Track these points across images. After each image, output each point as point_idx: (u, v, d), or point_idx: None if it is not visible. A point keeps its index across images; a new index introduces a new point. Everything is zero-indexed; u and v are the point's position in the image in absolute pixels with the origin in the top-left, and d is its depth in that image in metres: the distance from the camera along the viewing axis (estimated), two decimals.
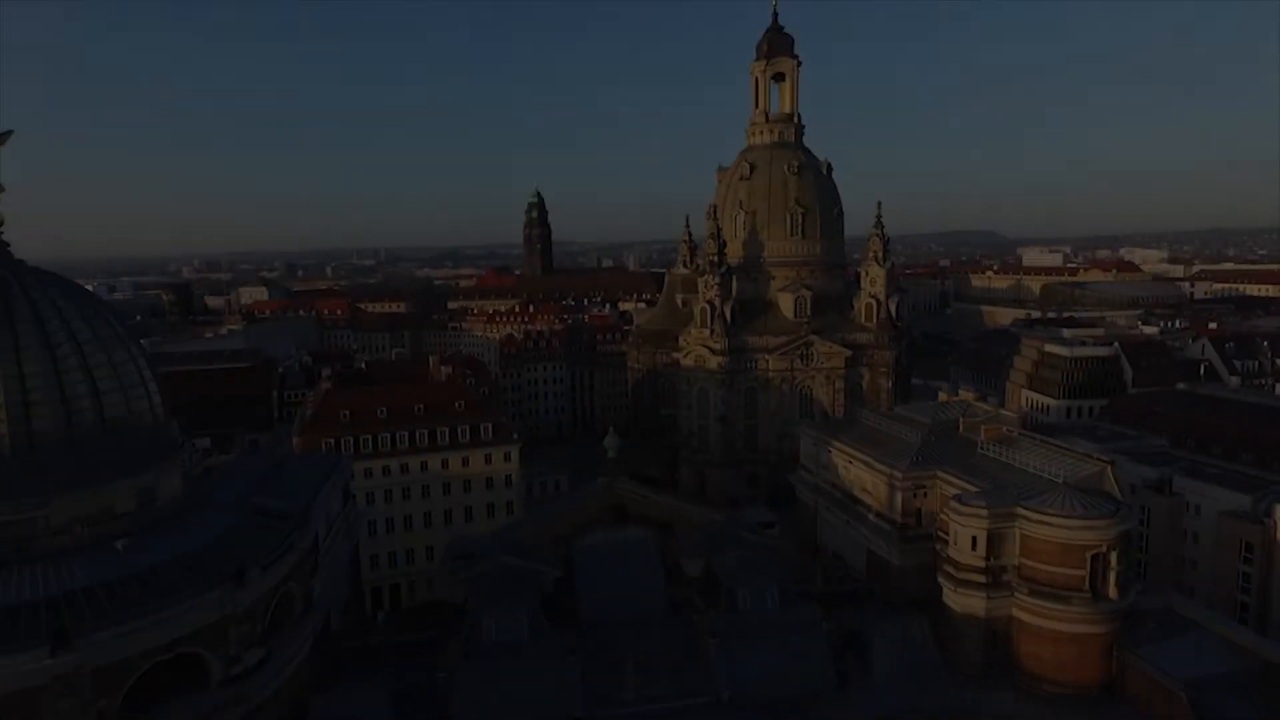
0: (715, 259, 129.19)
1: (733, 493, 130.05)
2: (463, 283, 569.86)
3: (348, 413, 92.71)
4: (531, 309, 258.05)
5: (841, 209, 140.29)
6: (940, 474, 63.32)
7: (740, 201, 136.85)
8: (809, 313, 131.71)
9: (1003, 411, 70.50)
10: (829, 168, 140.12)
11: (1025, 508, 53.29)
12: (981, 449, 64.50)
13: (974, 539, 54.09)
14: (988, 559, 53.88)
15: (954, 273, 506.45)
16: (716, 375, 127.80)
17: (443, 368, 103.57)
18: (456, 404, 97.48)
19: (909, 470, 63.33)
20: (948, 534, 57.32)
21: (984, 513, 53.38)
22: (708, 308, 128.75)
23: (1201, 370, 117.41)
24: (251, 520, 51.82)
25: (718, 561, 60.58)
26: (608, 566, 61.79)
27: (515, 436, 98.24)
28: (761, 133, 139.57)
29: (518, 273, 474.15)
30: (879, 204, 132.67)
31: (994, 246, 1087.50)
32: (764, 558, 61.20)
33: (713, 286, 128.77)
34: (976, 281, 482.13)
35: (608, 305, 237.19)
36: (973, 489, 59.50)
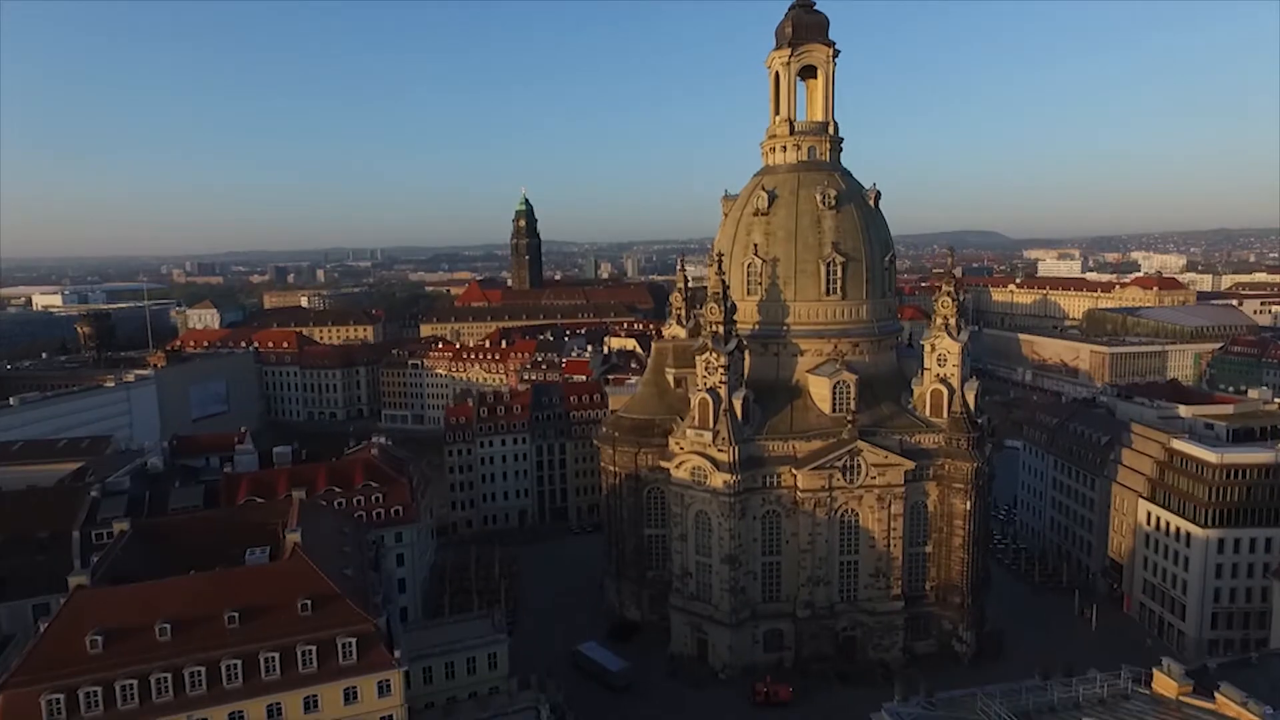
0: (720, 330, 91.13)
1: (745, 660, 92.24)
2: (452, 289, 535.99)
3: (100, 639, 54.53)
4: (504, 344, 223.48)
5: (894, 255, 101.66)
6: None
7: (755, 246, 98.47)
8: (852, 404, 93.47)
9: None
10: (877, 196, 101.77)
11: None
12: None
13: None
14: None
15: (971, 285, 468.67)
16: (722, 497, 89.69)
17: (292, 533, 64.85)
18: (300, 604, 59.39)
19: None
20: None
21: None
22: (709, 399, 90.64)
23: None
24: None
25: None
26: None
27: (397, 658, 60.11)
28: (784, 149, 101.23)
29: (508, 280, 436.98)
30: (950, 251, 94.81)
31: (997, 247, 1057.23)
32: None
33: (717, 369, 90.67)
34: (998, 296, 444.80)
35: (590, 347, 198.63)
36: None
